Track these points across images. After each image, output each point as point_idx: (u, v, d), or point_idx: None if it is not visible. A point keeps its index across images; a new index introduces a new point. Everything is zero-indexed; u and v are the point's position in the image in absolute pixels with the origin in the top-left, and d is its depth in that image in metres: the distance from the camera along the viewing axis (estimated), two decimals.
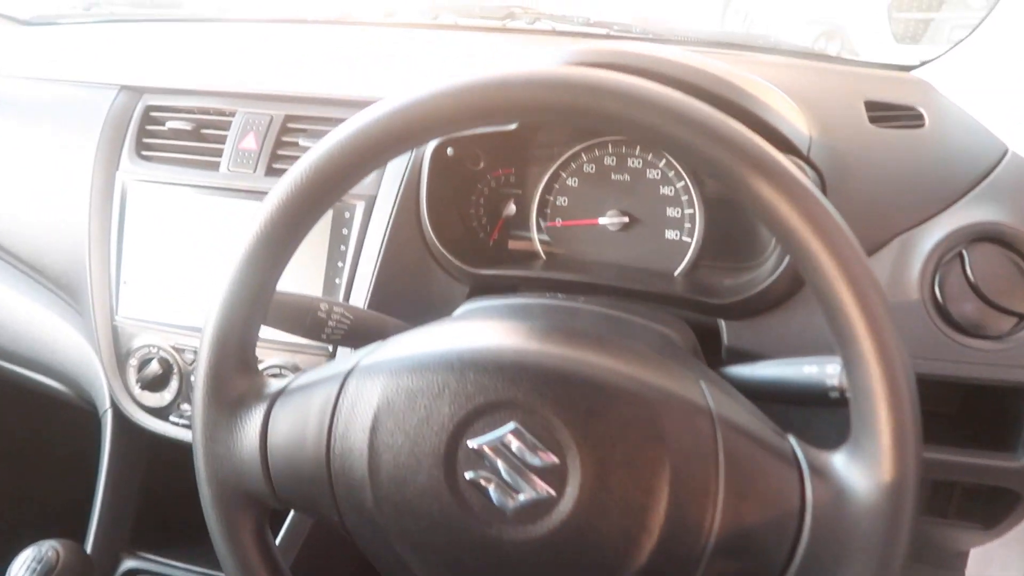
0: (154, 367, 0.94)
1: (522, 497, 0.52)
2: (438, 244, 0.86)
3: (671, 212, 0.89)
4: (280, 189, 0.57)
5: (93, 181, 0.98)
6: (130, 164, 0.97)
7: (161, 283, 0.95)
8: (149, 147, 0.98)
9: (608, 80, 0.49)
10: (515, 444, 0.52)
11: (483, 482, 0.53)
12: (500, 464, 0.52)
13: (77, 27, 1.31)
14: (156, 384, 0.95)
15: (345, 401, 0.56)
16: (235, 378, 0.59)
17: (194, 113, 0.98)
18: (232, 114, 0.96)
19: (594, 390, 0.53)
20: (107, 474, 0.97)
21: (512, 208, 0.94)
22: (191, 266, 0.94)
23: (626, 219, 0.89)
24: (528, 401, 0.53)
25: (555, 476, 0.52)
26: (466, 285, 0.87)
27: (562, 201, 0.92)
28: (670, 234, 0.89)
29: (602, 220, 0.90)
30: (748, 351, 0.78)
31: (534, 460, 0.52)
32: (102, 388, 0.99)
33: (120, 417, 0.98)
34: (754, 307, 0.77)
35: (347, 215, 0.89)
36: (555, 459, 0.52)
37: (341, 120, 0.92)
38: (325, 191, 0.57)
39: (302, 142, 0.92)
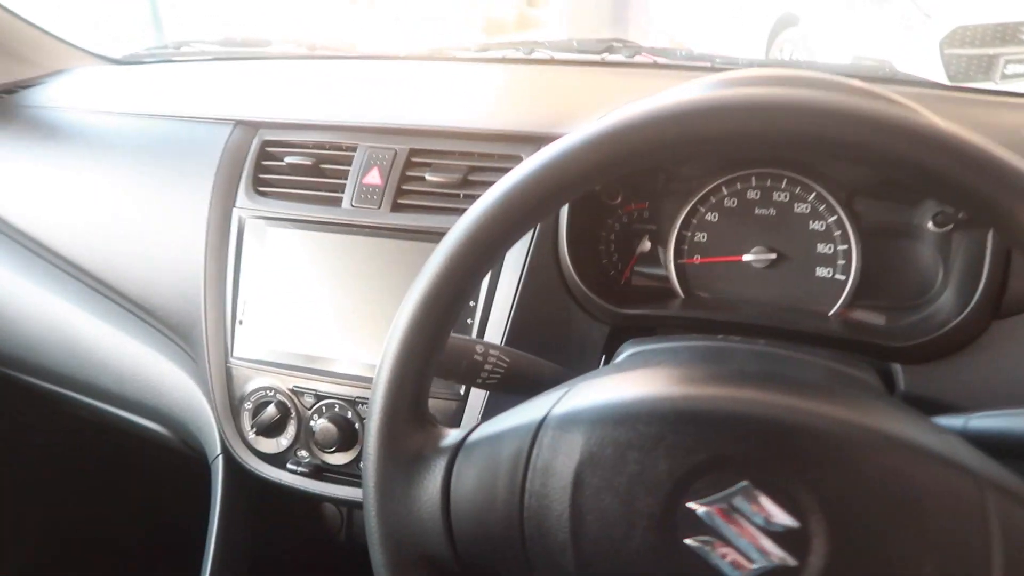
0: (270, 412, 0.90)
1: (756, 566, 0.46)
2: (579, 282, 0.81)
3: (822, 248, 0.83)
4: (466, 224, 0.53)
5: (210, 218, 0.95)
6: (247, 200, 0.95)
7: (278, 323, 0.92)
8: (266, 183, 0.96)
9: (897, 117, 0.44)
10: (746, 505, 0.47)
11: (708, 548, 0.47)
12: (729, 528, 0.47)
13: (172, 66, 1.31)
14: (272, 429, 0.91)
15: (540, 454, 0.51)
16: (411, 430, 0.55)
17: (313, 148, 0.95)
18: (353, 149, 0.93)
19: (832, 444, 0.47)
20: (219, 523, 0.92)
21: (647, 244, 0.89)
22: (310, 305, 0.90)
23: (773, 256, 0.84)
24: (759, 457, 0.47)
25: (796, 542, 0.46)
26: (606, 325, 0.83)
27: (700, 237, 0.87)
28: (821, 272, 0.84)
29: (747, 257, 0.85)
30: (929, 399, 0.72)
31: (770, 524, 0.46)
32: (212, 433, 0.95)
33: (232, 463, 0.94)
34: (936, 350, 0.72)
35: None
36: (795, 522, 0.46)
37: (468, 153, 0.91)
38: (515, 223, 0.53)
39: (429, 176, 0.89)
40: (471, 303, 0.85)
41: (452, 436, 0.56)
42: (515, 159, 0.88)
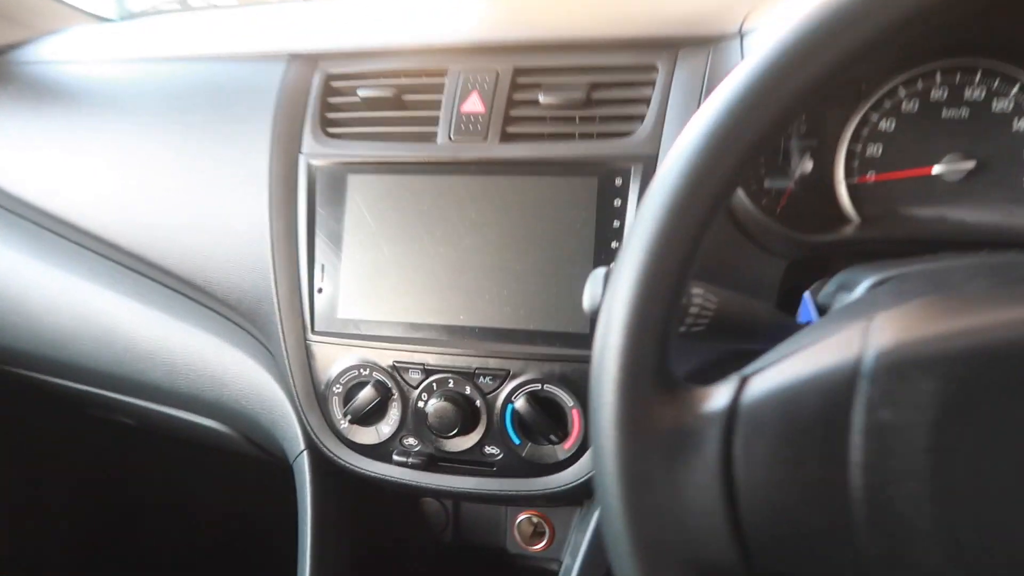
0: (367, 394, 0.75)
1: None
2: (756, 209, 0.67)
3: None
4: (695, 137, 0.39)
5: (272, 169, 0.79)
6: (316, 144, 0.79)
7: (367, 288, 0.76)
8: (336, 123, 0.80)
9: None
10: None
11: None
12: None
13: (189, 15, 1.14)
14: (371, 416, 0.75)
15: (870, 409, 0.36)
16: (660, 401, 0.40)
17: (390, 77, 0.79)
18: (442, 74, 0.77)
19: None
20: (312, 532, 0.77)
21: (808, 164, 0.74)
22: (406, 263, 0.75)
23: (971, 164, 0.69)
24: None
25: None
26: (783, 260, 0.68)
27: (874, 150, 0.73)
28: None
29: (936, 169, 0.70)
30: None
31: None
32: (292, 427, 0.79)
33: (321, 460, 0.78)
34: None
35: (618, 182, 0.70)
36: None
37: (586, 67, 0.75)
38: (759, 132, 0.39)
39: (542, 98, 0.73)
40: (612, 243, 0.70)
41: (718, 397, 0.41)
42: (648, 69, 0.73)
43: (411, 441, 0.75)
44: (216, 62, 0.87)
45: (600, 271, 0.48)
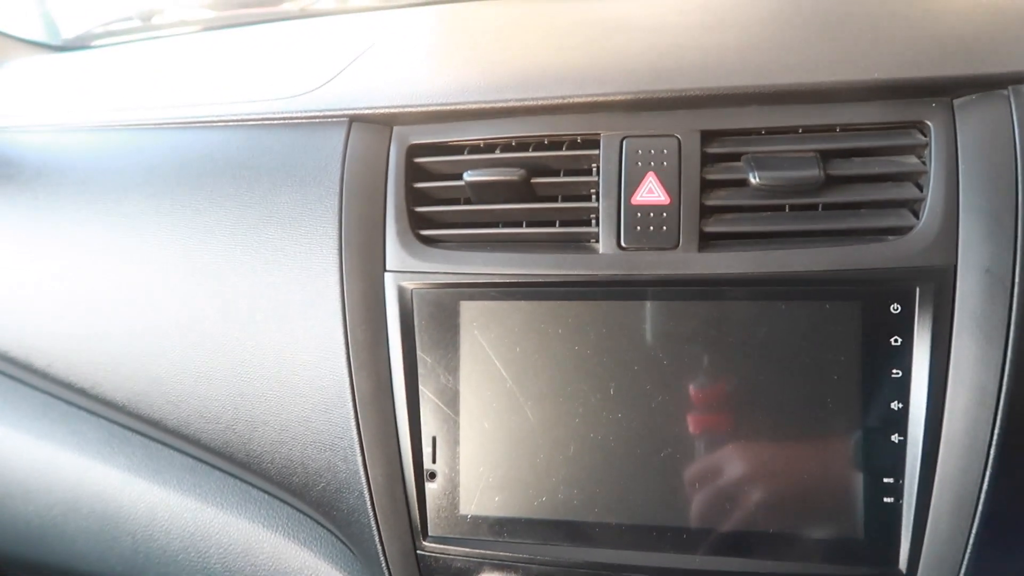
0: None
1: None
2: None
3: None
4: None
5: (346, 298, 0.53)
6: (407, 257, 0.53)
7: (507, 468, 0.51)
8: (434, 221, 0.54)
9: None
10: None
11: None
12: None
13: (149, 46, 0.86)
14: None
15: None
16: None
17: (511, 150, 0.54)
18: (594, 143, 0.52)
19: None
20: None
21: None
22: (564, 430, 0.50)
23: None
24: None
25: None
26: None
27: None
28: None
29: None
30: None
31: None
32: None
33: None
34: None
35: (895, 310, 0.47)
36: None
37: (817, 128, 0.50)
38: None
39: (756, 178, 0.49)
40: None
41: None
42: (913, 128, 0.49)
43: None
44: (222, 129, 0.60)
45: None
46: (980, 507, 0.45)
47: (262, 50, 0.78)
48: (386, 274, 0.53)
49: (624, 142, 0.51)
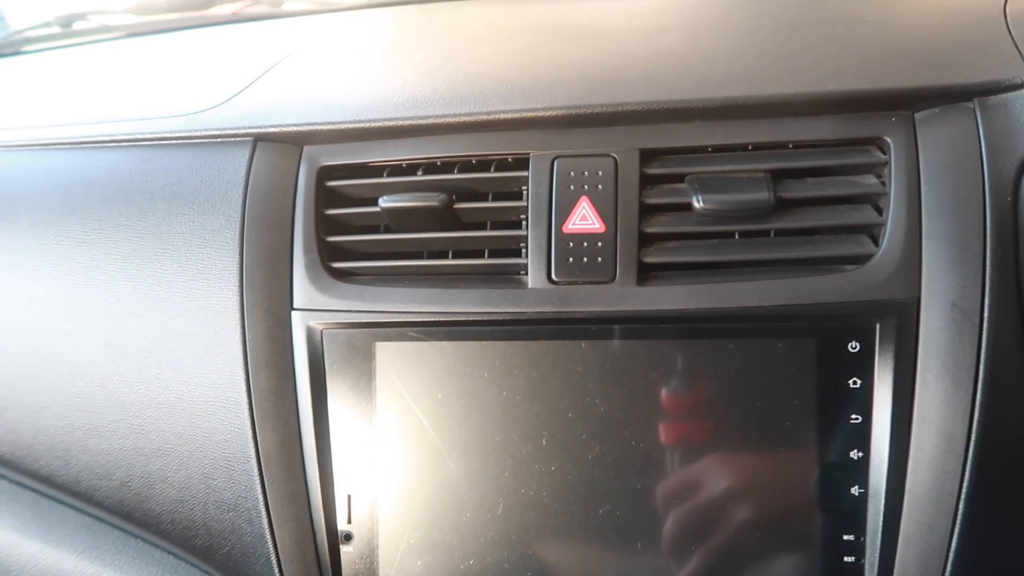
0: None
1: None
2: None
3: None
4: None
5: (248, 341, 0.47)
6: (316, 294, 0.47)
7: (431, 529, 0.46)
8: (346, 253, 0.49)
9: None
10: None
11: None
12: None
13: (67, 54, 0.80)
14: None
15: None
16: None
17: (431, 172, 0.48)
18: (523, 164, 0.47)
19: None
20: None
21: None
22: (495, 485, 0.45)
23: None
24: None
25: None
26: None
27: None
28: None
29: None
30: None
31: None
32: None
33: None
34: None
35: (852, 348, 0.42)
36: None
37: (767, 146, 0.43)
38: None
39: (699, 203, 0.44)
40: None
41: None
42: (871, 144, 0.44)
43: None
44: (114, 150, 0.54)
45: None
46: (948, 567, 0.41)
47: (177, 60, 0.72)
48: (293, 313, 0.47)
49: (555, 162, 0.46)
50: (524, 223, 0.46)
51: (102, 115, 0.57)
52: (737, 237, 0.45)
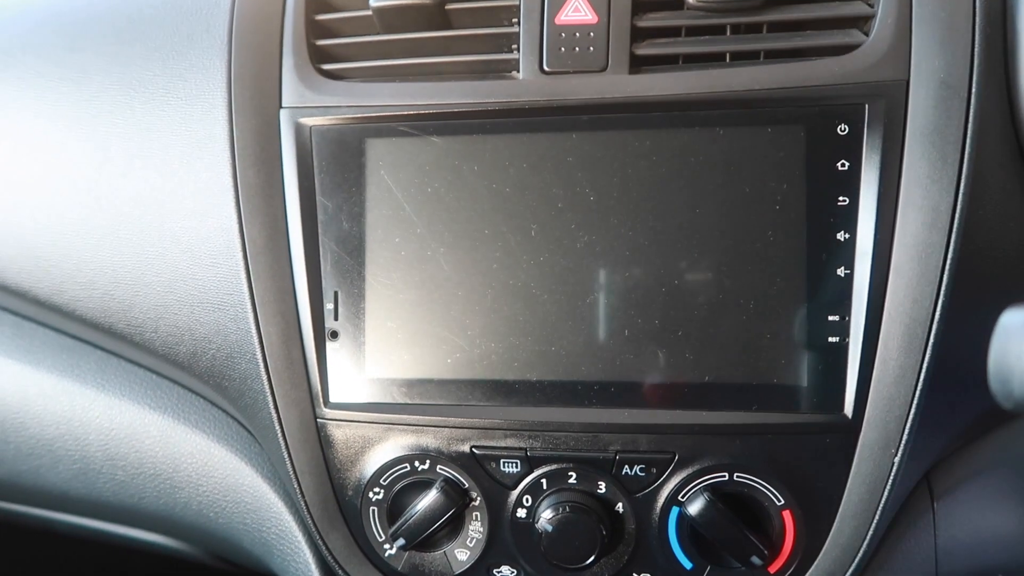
0: (432, 502, 0.45)
1: None
2: None
3: None
4: None
5: (236, 140, 0.47)
6: (305, 91, 0.47)
7: (417, 324, 0.46)
8: (336, 54, 0.49)
9: None
10: None
11: None
12: None
13: None
14: (438, 536, 0.46)
15: None
16: None
17: None
18: None
19: None
20: None
21: None
22: (481, 278, 0.45)
23: None
24: None
25: None
26: None
27: None
28: None
29: None
30: None
31: None
32: (300, 553, 0.49)
33: None
34: None
35: (842, 131, 0.42)
36: None
37: None
38: None
39: None
40: (841, 234, 0.42)
41: None
42: None
43: (507, 571, 0.47)
44: None
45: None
46: (931, 340, 0.41)
47: None
48: (282, 111, 0.47)
49: None
50: (516, 22, 0.46)
51: None
52: (729, 33, 0.45)
